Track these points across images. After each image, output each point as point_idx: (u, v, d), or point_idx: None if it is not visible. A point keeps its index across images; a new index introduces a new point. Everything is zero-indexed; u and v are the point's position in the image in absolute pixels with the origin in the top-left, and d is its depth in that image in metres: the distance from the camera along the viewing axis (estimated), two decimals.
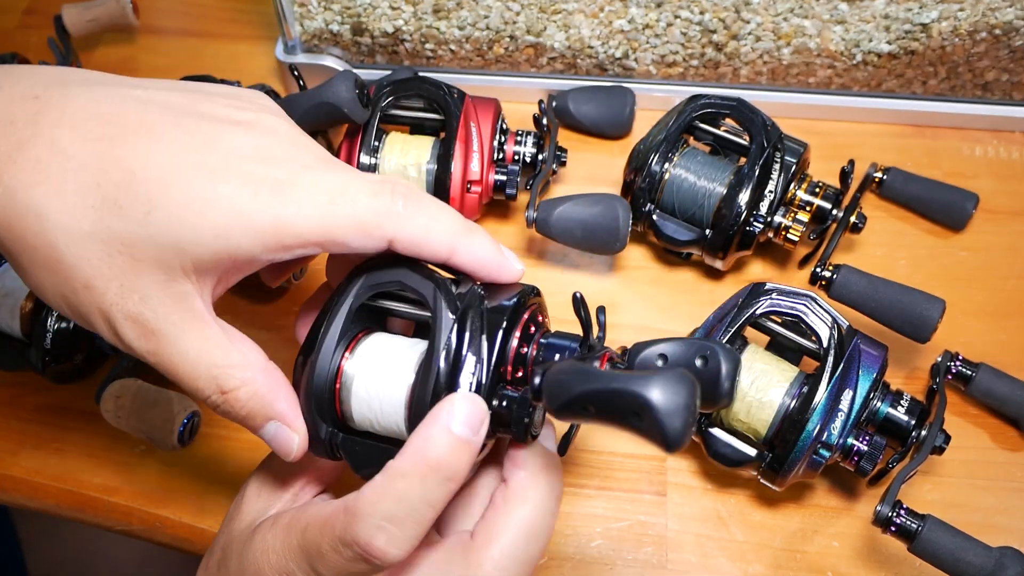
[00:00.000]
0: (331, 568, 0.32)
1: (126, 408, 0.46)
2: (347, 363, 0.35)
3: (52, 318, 0.47)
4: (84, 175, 0.31)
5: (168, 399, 0.46)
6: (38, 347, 0.47)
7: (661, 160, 0.53)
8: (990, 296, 0.56)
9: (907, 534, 0.41)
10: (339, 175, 0.33)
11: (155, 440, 0.46)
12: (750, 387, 0.45)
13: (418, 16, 0.61)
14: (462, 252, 0.34)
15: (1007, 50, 0.58)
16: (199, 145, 0.32)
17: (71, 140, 0.31)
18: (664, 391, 0.28)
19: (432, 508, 0.31)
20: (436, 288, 0.34)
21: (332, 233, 0.32)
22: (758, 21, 0.59)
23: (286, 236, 0.31)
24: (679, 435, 0.27)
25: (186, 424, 0.45)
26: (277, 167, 0.32)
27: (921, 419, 0.45)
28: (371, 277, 0.35)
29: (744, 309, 0.46)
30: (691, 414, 0.28)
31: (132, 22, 0.65)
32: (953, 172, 0.61)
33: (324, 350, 0.34)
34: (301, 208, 0.31)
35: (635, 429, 0.29)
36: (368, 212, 0.32)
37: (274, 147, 0.33)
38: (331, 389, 0.35)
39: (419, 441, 0.31)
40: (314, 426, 0.35)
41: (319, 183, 0.32)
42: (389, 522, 0.30)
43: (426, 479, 0.31)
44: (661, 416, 0.28)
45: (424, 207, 0.34)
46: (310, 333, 0.36)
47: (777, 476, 0.44)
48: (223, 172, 0.31)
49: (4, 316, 0.48)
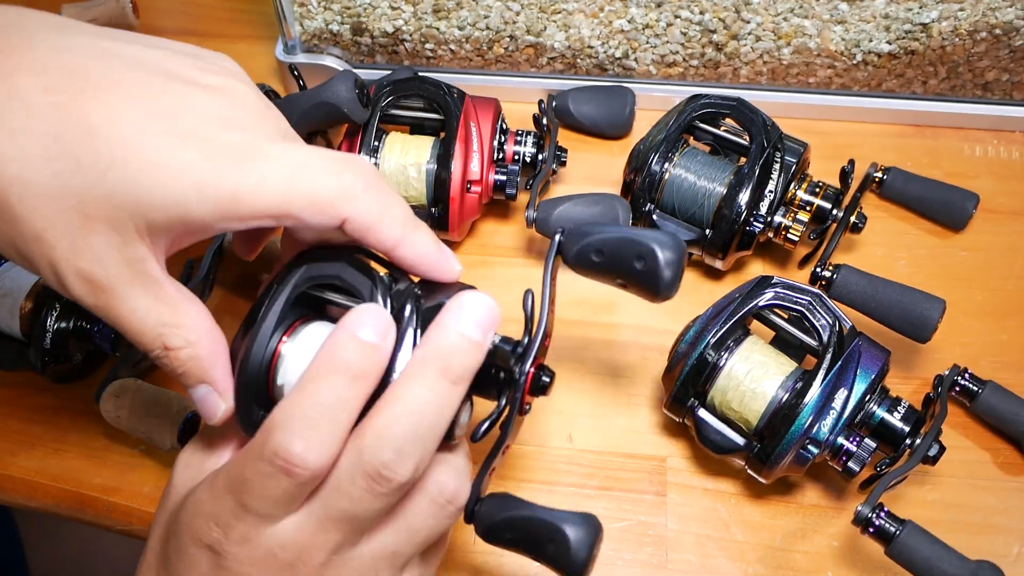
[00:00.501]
0: (257, 496, 0.32)
1: (126, 408, 0.46)
2: (284, 346, 0.35)
3: (52, 318, 0.47)
4: (43, 126, 0.30)
5: (168, 399, 0.46)
6: (37, 347, 0.47)
7: (661, 160, 0.53)
8: (990, 296, 0.56)
9: (885, 537, 0.41)
10: (301, 150, 0.33)
11: (154, 440, 0.46)
12: (745, 376, 0.45)
13: (418, 16, 0.61)
14: (407, 245, 0.35)
15: (1007, 50, 0.58)
16: (166, 108, 0.31)
17: (32, 88, 0.30)
18: None
19: (345, 410, 0.31)
20: (373, 285, 0.35)
21: (288, 207, 0.32)
22: (758, 21, 0.59)
23: (242, 208, 0.31)
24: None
25: (186, 424, 0.45)
26: (240, 135, 0.32)
27: (916, 427, 0.45)
28: (311, 268, 0.35)
29: (748, 300, 0.46)
30: None
31: (132, 22, 0.65)
32: (953, 172, 0.61)
33: (262, 333, 0.34)
34: (260, 181, 0.31)
35: None
36: (326, 190, 0.33)
37: (239, 115, 0.33)
38: (266, 370, 0.35)
39: (327, 347, 0.32)
40: (246, 407, 0.35)
41: (281, 156, 0.32)
42: (304, 426, 0.31)
43: (335, 380, 0.31)
44: None
45: (382, 194, 0.34)
46: (250, 312, 0.36)
47: (764, 467, 0.44)
48: (187, 138, 0.31)
49: (4, 316, 0.48)
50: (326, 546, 0.33)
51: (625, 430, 0.51)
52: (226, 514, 0.32)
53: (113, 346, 0.48)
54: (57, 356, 0.48)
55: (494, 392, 0.36)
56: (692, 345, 0.46)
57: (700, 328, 0.46)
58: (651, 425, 0.51)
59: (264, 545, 0.32)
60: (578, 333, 0.55)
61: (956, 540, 0.42)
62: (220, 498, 0.33)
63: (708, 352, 0.45)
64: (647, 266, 0.36)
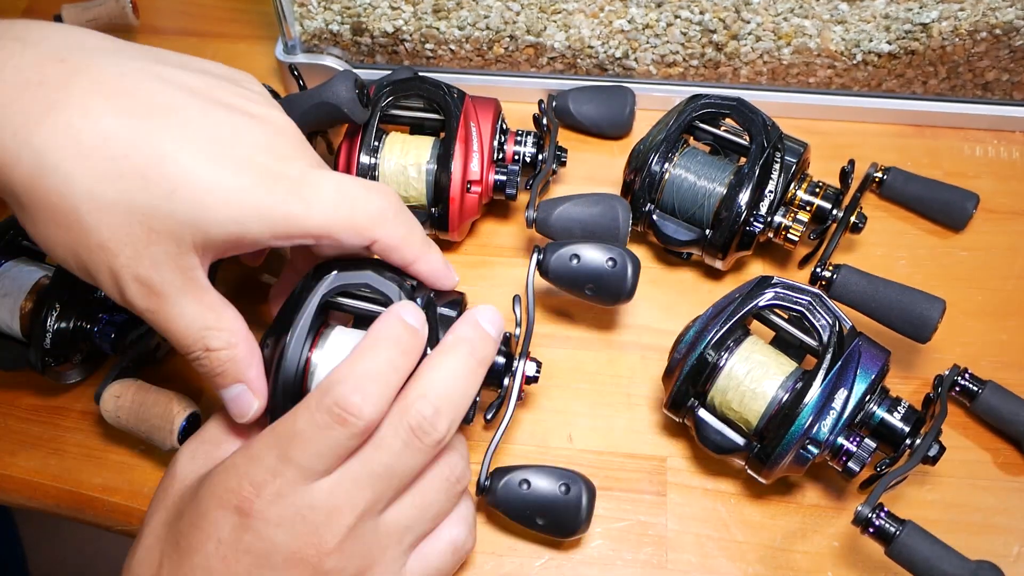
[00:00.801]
0: (306, 447, 0.34)
1: (126, 408, 0.46)
2: (314, 355, 0.40)
3: (52, 318, 0.47)
4: (114, 146, 0.33)
5: (168, 399, 0.46)
6: (37, 347, 0.47)
7: (661, 160, 0.53)
8: (990, 296, 0.56)
9: (884, 537, 0.41)
10: (339, 178, 0.38)
11: (155, 440, 0.46)
12: (745, 376, 0.45)
13: (418, 16, 0.61)
14: (423, 262, 0.41)
15: (1007, 50, 0.58)
16: (223, 136, 0.35)
17: (103, 110, 0.33)
18: None
19: (396, 374, 0.36)
20: (400, 291, 0.41)
21: (331, 230, 0.37)
22: (758, 21, 0.59)
23: (293, 229, 0.36)
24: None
25: (186, 424, 0.45)
26: (289, 165, 0.36)
27: (916, 427, 0.45)
28: (341, 277, 0.41)
29: (748, 300, 0.46)
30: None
31: (132, 22, 0.65)
32: (953, 172, 0.61)
33: (295, 342, 0.39)
34: (310, 207, 0.36)
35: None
36: (364, 217, 0.38)
37: (284, 145, 0.37)
38: (300, 378, 0.40)
39: (379, 326, 0.38)
40: (281, 408, 0.38)
41: (324, 185, 0.37)
42: (362, 382, 0.35)
43: (388, 349, 0.37)
44: None
45: (406, 218, 0.40)
46: (278, 318, 0.41)
47: (763, 467, 0.44)
48: (244, 165, 0.35)
49: (4, 316, 0.48)
50: (356, 508, 0.35)
51: (625, 430, 0.51)
52: (263, 471, 0.35)
53: (113, 346, 0.48)
54: (57, 356, 0.48)
55: (496, 382, 0.44)
56: (692, 345, 0.46)
57: (700, 328, 0.46)
58: (651, 425, 0.51)
59: (296, 503, 0.35)
60: (578, 334, 0.55)
61: (956, 540, 0.42)
62: (258, 457, 0.35)
63: (708, 352, 0.45)
64: (617, 268, 0.48)
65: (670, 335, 0.48)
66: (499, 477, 0.44)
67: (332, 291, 0.40)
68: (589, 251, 0.49)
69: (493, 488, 0.44)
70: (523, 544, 0.47)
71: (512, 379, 0.44)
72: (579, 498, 0.44)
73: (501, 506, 0.44)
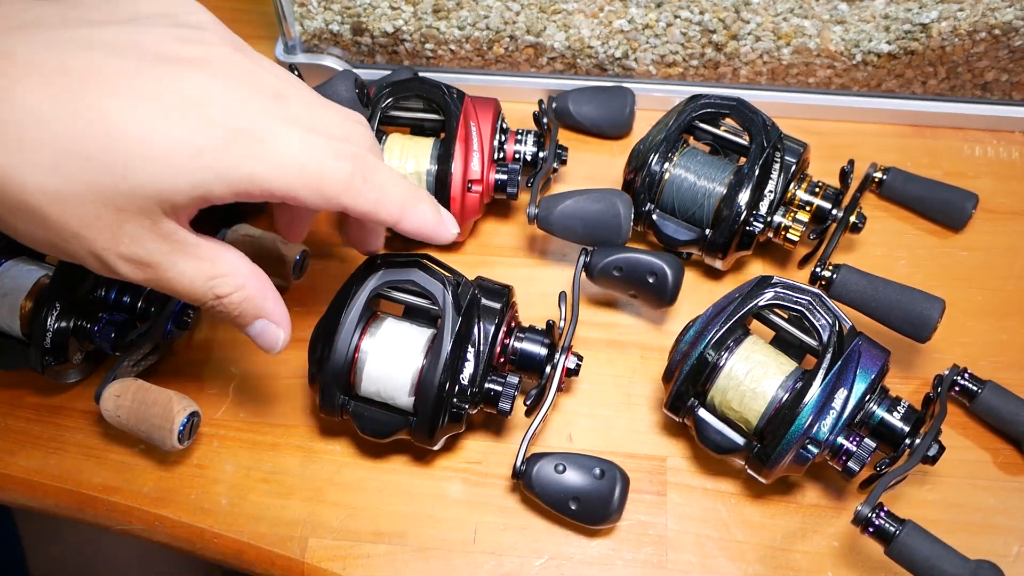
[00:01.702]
0: None
1: (126, 407, 0.46)
2: (364, 342, 0.45)
3: (52, 318, 0.47)
4: (54, 133, 0.31)
5: (168, 399, 0.46)
6: (37, 347, 0.47)
7: (661, 160, 0.53)
8: (990, 296, 0.56)
9: (884, 537, 0.41)
10: (303, 138, 0.35)
11: (155, 440, 0.46)
12: (745, 376, 0.45)
13: (418, 16, 0.61)
14: (406, 220, 0.39)
15: (1007, 50, 0.58)
16: (165, 95, 0.33)
17: (33, 97, 0.31)
18: None
19: None
20: (444, 288, 0.44)
21: (295, 194, 0.35)
22: (758, 21, 0.59)
23: (255, 188, 0.34)
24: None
25: (186, 424, 0.45)
26: (245, 117, 0.34)
27: (916, 427, 0.45)
28: (388, 274, 0.44)
29: (748, 299, 0.46)
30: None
31: None
32: (953, 172, 0.61)
33: (345, 331, 0.44)
34: (271, 167, 0.34)
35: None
36: (332, 185, 0.36)
37: (236, 90, 0.34)
38: (349, 363, 0.44)
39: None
40: (330, 392, 0.44)
41: (288, 144, 0.35)
42: None
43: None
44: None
45: (378, 180, 0.38)
46: (329, 309, 0.45)
47: (764, 467, 0.44)
48: (195, 123, 0.33)
49: (4, 316, 0.48)
50: None
51: (625, 430, 0.51)
52: None
53: (113, 346, 0.48)
54: (57, 356, 0.48)
55: (538, 372, 0.47)
56: (692, 345, 0.46)
57: (700, 328, 0.46)
58: (651, 425, 0.51)
59: None
60: (578, 333, 0.55)
61: (956, 540, 0.42)
62: None
63: (708, 352, 0.45)
64: (658, 281, 0.50)
65: (670, 335, 0.48)
66: (535, 462, 0.45)
67: (382, 286, 0.44)
68: (632, 263, 0.50)
69: (529, 472, 0.45)
70: (523, 544, 0.47)
71: (553, 370, 0.46)
72: (613, 483, 0.45)
73: (536, 489, 0.45)
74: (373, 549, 0.47)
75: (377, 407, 0.46)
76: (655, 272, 0.49)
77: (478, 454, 0.50)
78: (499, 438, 0.50)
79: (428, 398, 0.43)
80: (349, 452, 0.50)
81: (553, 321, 0.48)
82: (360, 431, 0.46)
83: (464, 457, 0.50)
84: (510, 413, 0.46)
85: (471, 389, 0.44)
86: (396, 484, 0.49)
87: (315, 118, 0.37)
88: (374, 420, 0.45)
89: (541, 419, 0.47)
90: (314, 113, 0.37)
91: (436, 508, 0.48)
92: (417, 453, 0.50)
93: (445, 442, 0.47)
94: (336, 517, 0.48)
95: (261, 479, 0.49)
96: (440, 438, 0.46)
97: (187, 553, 0.49)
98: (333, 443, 0.50)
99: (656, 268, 0.50)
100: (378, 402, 0.46)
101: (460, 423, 0.46)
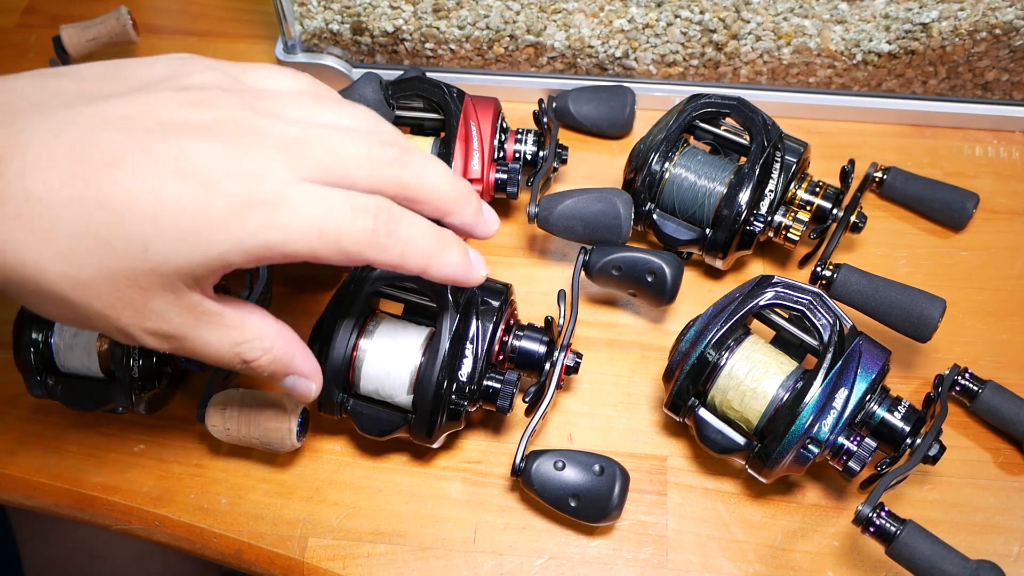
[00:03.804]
0: None
1: (235, 419, 0.46)
2: (362, 341, 0.45)
3: (136, 349, 0.46)
4: (69, 220, 0.31)
5: (278, 400, 0.46)
6: (125, 380, 0.46)
7: (661, 159, 0.53)
8: (990, 296, 0.56)
9: (885, 536, 0.41)
10: (321, 195, 0.34)
11: (272, 443, 0.46)
12: (746, 376, 0.45)
13: (418, 15, 0.61)
14: (432, 270, 0.37)
15: (1007, 50, 0.58)
16: (175, 170, 0.32)
17: (45, 187, 0.31)
18: None
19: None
20: (442, 286, 0.44)
21: (317, 253, 0.34)
22: (758, 21, 0.59)
23: (273, 254, 0.34)
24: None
25: (301, 421, 0.46)
26: (259, 182, 0.33)
27: (917, 427, 0.45)
28: (386, 272, 0.45)
29: (748, 299, 0.46)
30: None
31: (133, 38, 0.65)
32: (953, 172, 0.61)
33: (343, 329, 0.44)
34: (290, 233, 0.33)
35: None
36: (352, 243, 0.35)
37: (248, 152, 0.33)
38: (347, 362, 0.45)
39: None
40: (329, 392, 0.45)
41: (305, 205, 0.34)
42: None
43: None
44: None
45: (403, 233, 0.36)
46: (328, 309, 0.45)
47: (764, 467, 0.44)
48: (210, 195, 0.32)
49: (80, 357, 0.47)
50: None
51: (625, 430, 0.51)
52: None
53: (201, 364, 0.48)
54: (145, 385, 0.47)
55: (537, 370, 0.47)
56: (692, 345, 0.46)
57: (700, 328, 0.46)
58: (651, 425, 0.51)
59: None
60: (578, 333, 0.55)
61: (956, 540, 0.42)
62: None
63: (708, 352, 0.45)
64: (656, 279, 0.50)
65: (670, 334, 0.48)
66: (534, 459, 0.45)
67: (381, 285, 0.45)
68: (631, 262, 0.50)
69: (528, 469, 0.45)
70: (523, 543, 0.47)
71: (552, 367, 0.47)
72: (613, 480, 0.44)
73: (536, 486, 0.45)
74: (373, 548, 0.47)
75: (376, 405, 0.46)
76: (654, 270, 0.49)
77: (478, 453, 0.50)
78: (499, 438, 0.50)
79: (426, 395, 0.43)
80: (349, 452, 0.50)
81: (552, 318, 0.49)
82: (359, 429, 0.46)
83: (464, 456, 0.50)
84: (509, 410, 0.46)
85: (470, 386, 0.45)
86: (396, 483, 0.49)
87: (336, 160, 0.35)
88: (373, 418, 0.45)
89: (540, 416, 0.46)
90: (336, 153, 0.35)
91: (436, 507, 0.48)
92: (417, 452, 0.50)
93: (444, 441, 0.47)
94: (336, 516, 0.48)
95: (261, 479, 0.49)
96: (439, 436, 0.46)
97: (187, 552, 0.49)
98: (333, 443, 0.50)
99: (655, 266, 0.49)
100: (377, 400, 0.46)
101: (459, 421, 0.46)
